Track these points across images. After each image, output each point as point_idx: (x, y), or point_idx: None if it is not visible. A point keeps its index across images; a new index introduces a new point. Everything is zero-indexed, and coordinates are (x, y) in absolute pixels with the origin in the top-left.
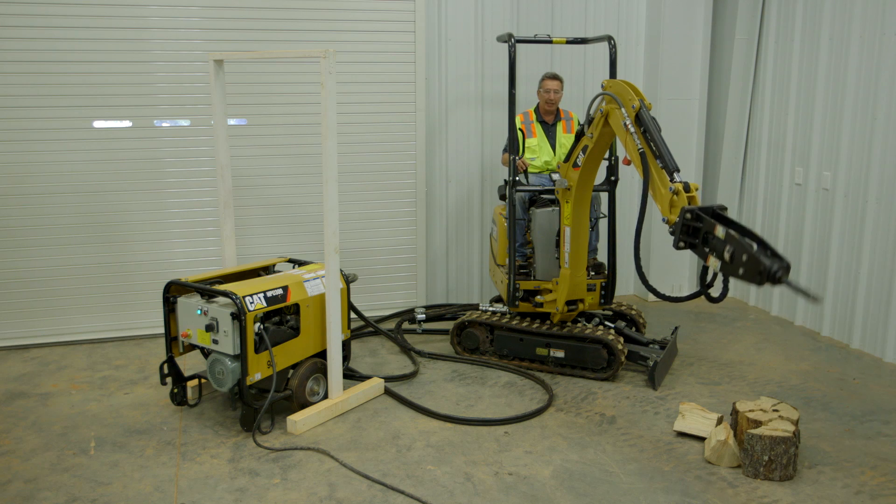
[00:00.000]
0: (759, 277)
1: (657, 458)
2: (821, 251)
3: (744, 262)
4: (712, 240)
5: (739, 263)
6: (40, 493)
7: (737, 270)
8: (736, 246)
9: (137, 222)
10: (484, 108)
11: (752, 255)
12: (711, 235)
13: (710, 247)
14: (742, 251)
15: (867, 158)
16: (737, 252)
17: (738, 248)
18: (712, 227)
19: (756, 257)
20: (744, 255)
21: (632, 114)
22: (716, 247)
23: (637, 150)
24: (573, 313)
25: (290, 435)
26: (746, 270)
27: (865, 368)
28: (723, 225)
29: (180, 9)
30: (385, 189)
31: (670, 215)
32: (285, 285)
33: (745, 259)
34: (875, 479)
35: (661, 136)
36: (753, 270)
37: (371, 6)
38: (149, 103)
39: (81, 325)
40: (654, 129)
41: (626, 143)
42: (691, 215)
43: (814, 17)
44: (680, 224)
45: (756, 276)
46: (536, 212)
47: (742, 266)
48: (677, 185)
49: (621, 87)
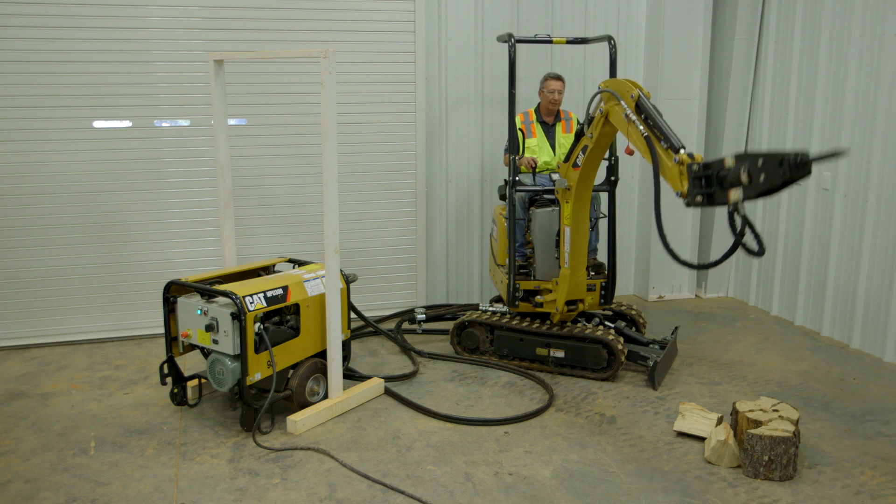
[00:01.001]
0: (784, 170)
1: (657, 458)
2: (821, 251)
3: (763, 169)
4: (725, 175)
5: (759, 173)
6: (40, 493)
7: (759, 178)
8: (749, 160)
9: (137, 222)
10: (484, 108)
11: (766, 157)
12: (723, 171)
13: (727, 183)
14: (755, 160)
15: (867, 158)
16: (752, 166)
17: (751, 161)
18: (721, 162)
19: (771, 156)
20: (759, 160)
21: (631, 103)
22: (731, 178)
23: (642, 137)
24: (573, 313)
25: (290, 435)
26: (768, 175)
27: (865, 368)
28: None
29: (180, 9)
30: (385, 189)
31: (682, 187)
32: (285, 285)
33: (762, 164)
34: (875, 479)
35: (663, 120)
36: (775, 170)
37: (371, 6)
38: (149, 103)
39: (81, 325)
40: (656, 114)
41: (629, 133)
42: (698, 167)
43: (814, 16)
44: (691, 177)
45: (779, 173)
46: (536, 212)
47: (763, 172)
48: (682, 156)
49: (619, 82)
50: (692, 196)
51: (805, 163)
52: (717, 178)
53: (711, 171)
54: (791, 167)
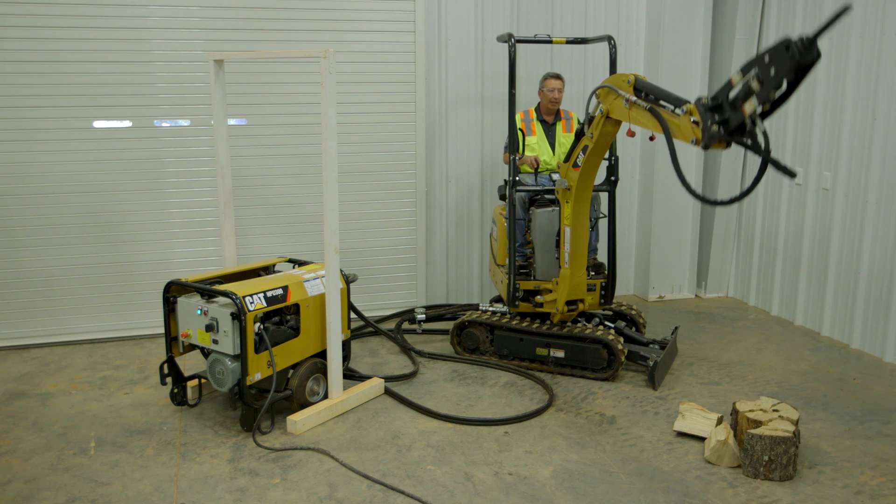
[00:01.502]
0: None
1: (657, 458)
2: (821, 251)
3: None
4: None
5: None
6: (40, 493)
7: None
8: (756, 63)
9: (137, 222)
10: (484, 108)
11: (771, 49)
12: (730, 88)
13: (739, 99)
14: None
15: (867, 158)
16: (759, 66)
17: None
18: (728, 82)
19: (775, 47)
20: (765, 57)
21: (629, 88)
22: (742, 92)
23: (646, 111)
24: (573, 313)
25: (290, 435)
26: (778, 67)
27: (865, 368)
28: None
29: (180, 9)
30: (385, 189)
31: (696, 133)
32: (285, 285)
33: (769, 59)
34: (875, 479)
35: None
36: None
37: (371, 6)
38: (149, 103)
39: (81, 325)
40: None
41: (633, 117)
42: (707, 99)
43: (814, 17)
44: (702, 112)
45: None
46: (536, 212)
47: (772, 67)
48: (688, 105)
49: (613, 77)
50: (707, 132)
51: (811, 42)
52: (728, 101)
53: (720, 97)
54: (799, 50)
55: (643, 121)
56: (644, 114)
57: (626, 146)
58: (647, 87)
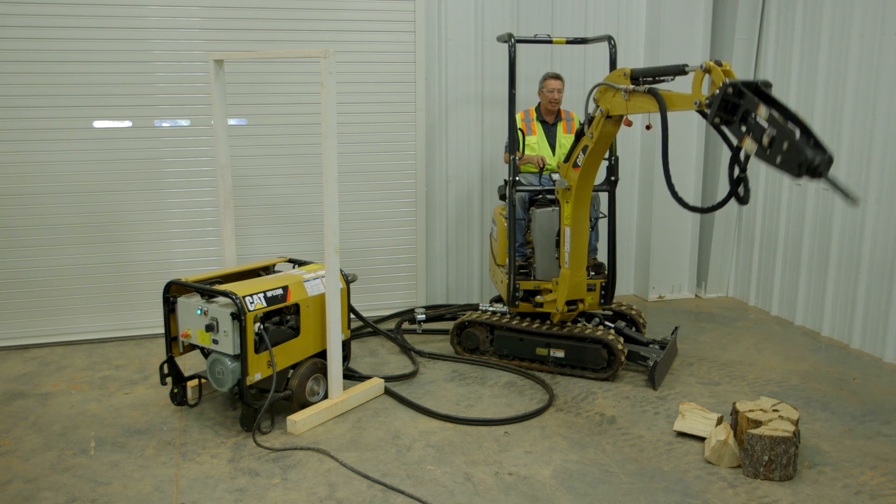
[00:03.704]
0: (799, 169)
1: (657, 458)
2: (821, 251)
3: (783, 150)
4: (752, 120)
5: (779, 151)
6: (40, 493)
7: (774, 158)
8: (778, 130)
9: (137, 222)
10: (484, 108)
11: (794, 144)
12: (752, 115)
13: (749, 127)
14: (784, 137)
15: (867, 158)
16: (778, 137)
17: (780, 134)
18: (755, 105)
19: (798, 146)
20: (785, 142)
21: (626, 80)
22: (755, 128)
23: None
24: (573, 313)
25: (290, 435)
26: (785, 159)
27: (865, 368)
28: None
29: (180, 9)
30: (385, 189)
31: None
32: (285, 285)
33: (786, 147)
34: (875, 479)
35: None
36: (793, 160)
37: (371, 6)
38: (149, 103)
39: (81, 325)
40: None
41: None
42: (733, 89)
43: (814, 17)
44: (719, 98)
45: (795, 167)
46: (536, 212)
47: (781, 154)
48: (707, 62)
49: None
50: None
51: (819, 175)
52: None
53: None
54: (805, 170)
55: (644, 105)
56: (643, 97)
57: (626, 146)
58: (644, 71)
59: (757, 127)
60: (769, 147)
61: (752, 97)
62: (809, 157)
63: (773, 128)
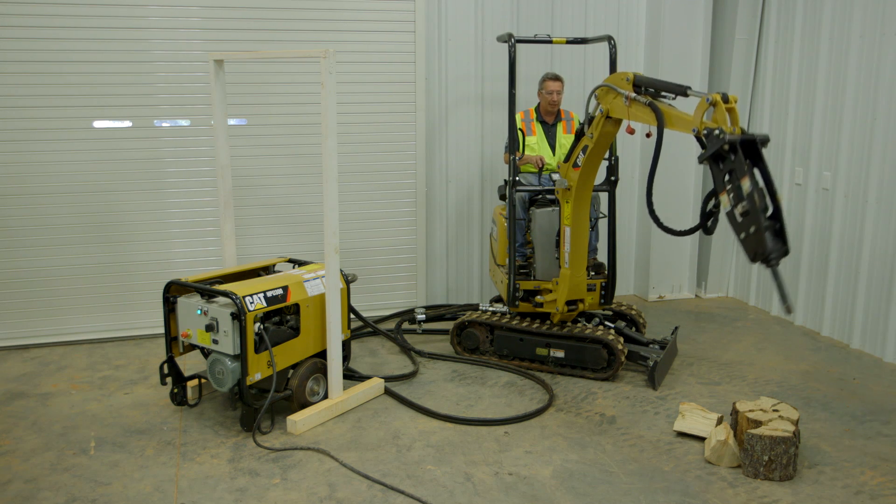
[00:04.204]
0: (755, 256)
1: (657, 458)
2: (821, 251)
3: (749, 232)
4: (736, 181)
5: (744, 228)
6: (40, 493)
7: (739, 232)
8: (751, 210)
9: (137, 222)
10: (484, 108)
11: (760, 232)
12: (735, 177)
13: (731, 186)
14: (753, 221)
15: (867, 158)
16: (749, 218)
17: (752, 216)
18: (742, 174)
19: (761, 236)
20: (752, 226)
21: (628, 85)
22: (734, 191)
23: (646, 107)
24: (573, 313)
25: (290, 435)
26: (746, 240)
27: (865, 368)
28: (752, 175)
29: (180, 9)
30: (385, 189)
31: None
32: (285, 285)
33: (752, 231)
34: (875, 479)
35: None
36: (753, 246)
37: (371, 6)
38: (149, 103)
39: (81, 325)
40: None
41: (633, 113)
42: (729, 147)
43: (814, 17)
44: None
45: (752, 252)
46: (536, 212)
47: (745, 232)
48: (715, 95)
49: (612, 76)
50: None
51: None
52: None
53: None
54: (759, 257)
55: (643, 116)
56: (643, 109)
57: (626, 147)
58: (647, 82)
59: (737, 191)
60: (739, 218)
61: (742, 163)
62: (768, 251)
63: (749, 203)
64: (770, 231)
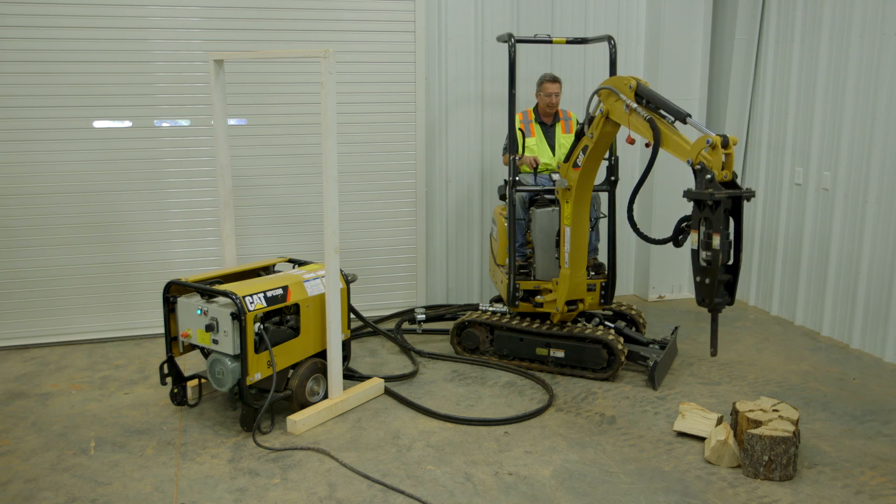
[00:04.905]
0: (702, 302)
1: (657, 458)
2: (821, 251)
3: (703, 280)
4: (707, 231)
5: (701, 274)
6: (40, 493)
7: (695, 275)
8: (713, 262)
9: (137, 222)
10: (484, 108)
11: (712, 284)
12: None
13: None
14: (710, 274)
15: (867, 158)
16: (708, 269)
17: (711, 267)
18: (715, 229)
19: (711, 288)
20: (707, 278)
21: (630, 94)
22: (704, 237)
23: (645, 121)
24: (573, 313)
25: (290, 435)
26: (699, 284)
27: (865, 368)
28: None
29: (180, 9)
30: (385, 189)
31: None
32: (285, 285)
33: (707, 281)
34: (875, 479)
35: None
36: (704, 292)
37: (371, 6)
38: (149, 103)
39: (81, 325)
40: (656, 96)
41: (631, 123)
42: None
43: (814, 17)
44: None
45: (701, 298)
46: (536, 212)
47: (701, 277)
48: (716, 138)
49: (616, 78)
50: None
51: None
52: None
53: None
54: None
55: (641, 129)
56: (643, 123)
57: (626, 147)
58: (649, 95)
59: (706, 240)
60: (700, 263)
61: (719, 220)
62: (714, 303)
63: (713, 258)
64: (723, 284)
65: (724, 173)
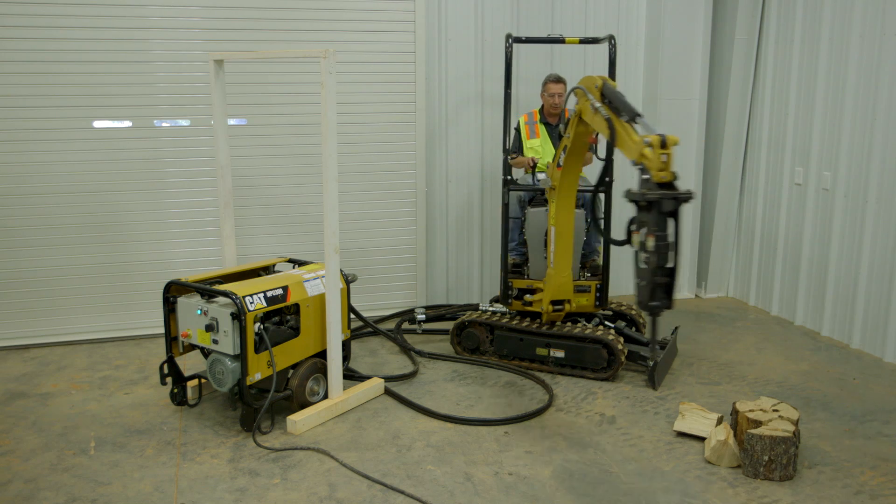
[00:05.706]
0: (641, 303)
1: (657, 458)
2: (821, 251)
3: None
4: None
5: (640, 276)
6: (40, 493)
7: (636, 276)
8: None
9: (137, 222)
10: (484, 108)
11: (649, 287)
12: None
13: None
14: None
15: (867, 158)
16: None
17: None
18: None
19: (649, 291)
20: (644, 281)
21: (597, 93)
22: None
23: (605, 120)
24: (560, 314)
25: (290, 435)
26: (640, 287)
27: (865, 368)
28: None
29: (180, 9)
30: (385, 189)
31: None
32: (285, 285)
33: (644, 284)
34: (875, 479)
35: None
36: (642, 295)
37: (371, 6)
38: (149, 103)
39: (81, 325)
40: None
41: (594, 121)
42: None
43: (814, 17)
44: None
45: (639, 299)
46: (530, 211)
47: (640, 279)
48: (653, 138)
49: (587, 78)
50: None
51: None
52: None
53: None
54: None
55: (601, 128)
56: (602, 121)
57: None
58: (611, 94)
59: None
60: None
61: (653, 222)
62: (652, 305)
63: (651, 258)
64: (660, 287)
65: (661, 174)
